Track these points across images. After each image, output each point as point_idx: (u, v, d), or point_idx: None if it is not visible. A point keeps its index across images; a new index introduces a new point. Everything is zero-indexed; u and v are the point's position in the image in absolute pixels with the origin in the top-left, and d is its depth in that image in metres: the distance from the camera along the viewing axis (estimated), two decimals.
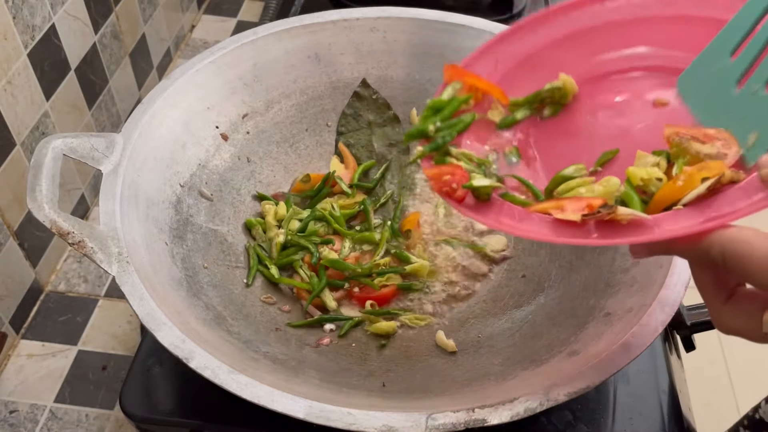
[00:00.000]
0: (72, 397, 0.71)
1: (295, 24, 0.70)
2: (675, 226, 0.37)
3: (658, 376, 0.59)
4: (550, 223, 0.41)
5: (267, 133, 0.71)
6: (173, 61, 1.09)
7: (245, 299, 0.61)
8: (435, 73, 0.73)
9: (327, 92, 0.73)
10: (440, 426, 0.43)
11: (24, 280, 0.76)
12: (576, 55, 0.50)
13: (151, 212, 0.58)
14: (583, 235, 0.39)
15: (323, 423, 0.44)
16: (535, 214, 0.42)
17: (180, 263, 0.58)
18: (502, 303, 0.62)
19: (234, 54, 0.68)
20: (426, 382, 0.55)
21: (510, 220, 0.43)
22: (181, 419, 0.55)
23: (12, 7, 0.67)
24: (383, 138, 0.74)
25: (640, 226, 0.38)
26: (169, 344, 0.46)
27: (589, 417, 0.56)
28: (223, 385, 0.45)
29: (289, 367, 0.53)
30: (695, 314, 0.61)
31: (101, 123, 0.89)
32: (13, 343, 0.75)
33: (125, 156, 0.57)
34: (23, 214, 0.73)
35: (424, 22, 0.71)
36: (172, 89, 0.63)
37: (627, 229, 0.38)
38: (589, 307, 0.55)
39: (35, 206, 0.51)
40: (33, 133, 0.73)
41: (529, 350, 0.54)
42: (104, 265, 0.50)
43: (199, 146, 0.65)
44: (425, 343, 0.60)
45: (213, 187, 0.66)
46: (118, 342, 0.75)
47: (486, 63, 0.50)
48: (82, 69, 0.81)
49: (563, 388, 0.45)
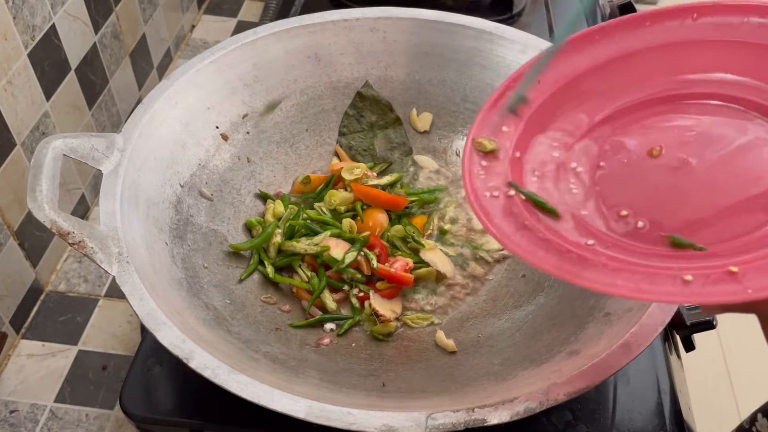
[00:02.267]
0: (72, 397, 0.71)
1: (295, 24, 0.70)
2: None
3: (658, 376, 0.59)
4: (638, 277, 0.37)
5: (267, 133, 0.71)
6: (173, 61, 1.09)
7: (245, 299, 0.61)
8: (435, 73, 0.73)
9: (327, 92, 0.73)
10: (440, 426, 0.43)
11: (24, 280, 0.76)
12: (627, 78, 0.46)
13: (151, 212, 0.58)
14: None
15: (323, 423, 0.44)
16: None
17: (180, 263, 0.58)
18: (502, 303, 0.62)
19: (234, 54, 0.68)
20: (426, 382, 0.55)
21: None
22: (181, 419, 0.55)
23: (12, 7, 0.67)
24: (385, 140, 0.74)
25: (729, 282, 0.35)
26: (169, 344, 0.46)
27: (589, 417, 0.56)
28: (223, 385, 0.45)
29: (289, 367, 0.53)
30: (695, 314, 0.61)
31: (101, 123, 0.89)
32: (14, 343, 0.75)
33: (125, 156, 0.57)
34: (23, 214, 0.73)
35: (424, 22, 0.71)
36: (173, 89, 0.63)
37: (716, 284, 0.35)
38: (589, 307, 0.55)
39: (35, 206, 0.51)
40: (33, 133, 0.73)
41: (529, 350, 0.54)
42: (104, 265, 0.50)
43: (199, 146, 0.65)
44: (425, 343, 0.60)
45: (213, 187, 0.66)
46: (118, 342, 0.75)
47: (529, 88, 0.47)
48: (83, 69, 0.81)
49: (563, 388, 0.45)
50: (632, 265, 0.38)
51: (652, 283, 0.36)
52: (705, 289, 0.35)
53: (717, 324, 0.61)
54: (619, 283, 0.37)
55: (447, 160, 0.74)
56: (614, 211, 0.43)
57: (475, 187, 0.45)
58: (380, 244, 0.64)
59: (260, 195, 0.69)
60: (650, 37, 0.47)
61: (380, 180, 0.70)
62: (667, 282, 0.36)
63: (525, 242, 0.41)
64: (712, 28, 0.45)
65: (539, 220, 0.43)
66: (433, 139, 0.74)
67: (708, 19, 0.46)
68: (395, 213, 0.68)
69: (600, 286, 0.37)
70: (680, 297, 0.36)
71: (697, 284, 0.35)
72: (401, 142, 0.74)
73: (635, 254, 0.40)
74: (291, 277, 0.64)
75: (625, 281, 0.37)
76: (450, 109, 0.74)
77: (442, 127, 0.74)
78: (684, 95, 0.46)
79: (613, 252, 0.40)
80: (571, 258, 0.39)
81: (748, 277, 0.35)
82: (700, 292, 0.35)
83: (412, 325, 0.62)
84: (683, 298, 0.36)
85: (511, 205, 0.44)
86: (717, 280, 0.35)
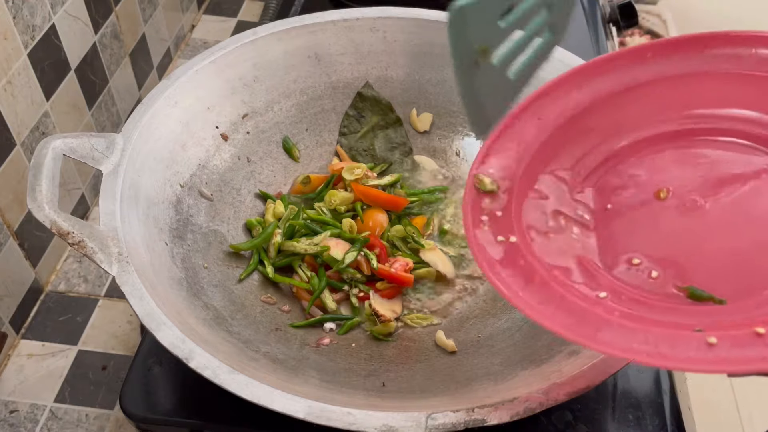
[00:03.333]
0: (72, 397, 0.71)
1: (295, 24, 0.70)
2: None
3: (658, 376, 0.59)
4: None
5: (267, 133, 0.71)
6: (173, 61, 1.09)
7: (245, 299, 0.61)
8: (435, 73, 0.73)
9: (327, 92, 0.73)
10: (440, 426, 0.43)
11: (24, 280, 0.76)
12: (632, 113, 0.44)
13: (151, 212, 0.58)
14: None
15: (323, 423, 0.44)
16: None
17: (180, 263, 0.58)
18: (501, 303, 0.62)
19: (234, 54, 0.68)
20: (426, 382, 0.55)
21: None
22: (181, 419, 0.55)
23: (12, 7, 0.67)
24: (385, 140, 0.74)
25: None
26: (169, 344, 0.46)
27: (589, 417, 0.56)
28: (223, 385, 0.45)
29: (289, 367, 0.53)
30: None
31: (101, 123, 0.89)
32: (13, 343, 0.75)
33: (125, 156, 0.57)
34: (23, 214, 0.73)
35: (424, 22, 0.71)
36: (172, 89, 0.63)
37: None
38: None
39: (35, 206, 0.51)
40: (33, 133, 0.73)
41: (529, 350, 0.54)
42: (104, 265, 0.50)
43: (199, 146, 0.65)
44: (425, 343, 0.60)
45: (213, 187, 0.66)
46: (118, 342, 0.75)
47: (527, 123, 0.45)
48: (82, 69, 0.81)
49: (563, 388, 0.45)
50: (649, 324, 0.35)
51: (672, 346, 0.33)
52: (732, 355, 0.32)
53: None
54: (636, 347, 0.34)
55: (447, 160, 0.74)
56: (625, 259, 0.41)
57: (477, 236, 0.42)
58: (380, 244, 0.64)
59: (260, 195, 0.69)
60: (655, 69, 0.45)
61: (380, 180, 0.70)
62: (690, 345, 0.33)
63: (534, 299, 0.38)
64: (720, 60, 0.43)
65: (547, 270, 0.40)
66: (433, 139, 0.74)
67: (715, 51, 0.43)
68: (395, 213, 0.68)
69: (616, 351, 0.34)
70: (704, 365, 0.32)
71: (723, 348, 0.32)
72: (401, 142, 0.74)
73: (652, 309, 0.37)
74: (291, 277, 0.64)
75: (643, 344, 0.34)
76: (450, 109, 0.74)
77: (442, 127, 0.74)
78: (693, 131, 0.44)
79: (627, 307, 0.37)
80: (584, 317, 0.36)
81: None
82: (727, 358, 0.32)
83: (412, 325, 0.62)
84: (707, 366, 0.32)
85: (516, 253, 0.41)
86: (744, 344, 0.32)
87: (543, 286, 0.39)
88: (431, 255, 0.65)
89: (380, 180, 0.69)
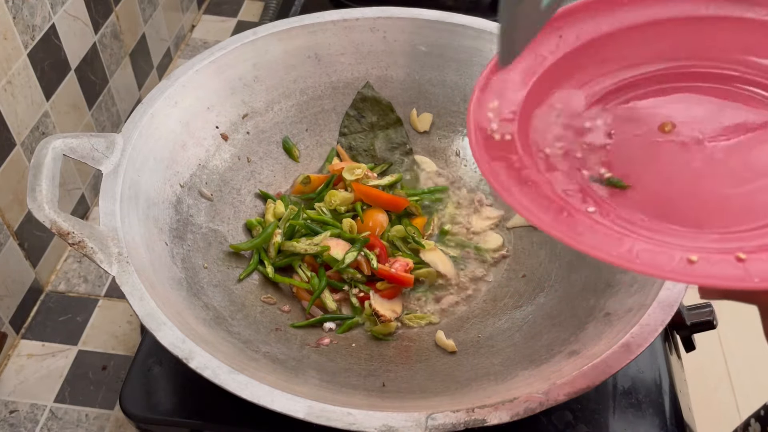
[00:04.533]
0: (72, 397, 0.71)
1: (295, 24, 0.70)
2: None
3: (658, 376, 0.59)
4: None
5: (267, 133, 0.71)
6: (173, 61, 1.09)
7: (245, 299, 0.61)
8: (435, 73, 0.73)
9: (327, 92, 0.73)
10: (440, 426, 0.43)
11: (24, 280, 0.76)
12: (654, 48, 0.43)
13: (151, 212, 0.58)
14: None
15: (323, 423, 0.44)
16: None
17: (180, 263, 0.58)
18: (502, 303, 0.62)
19: (234, 54, 0.68)
20: (426, 382, 0.55)
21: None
22: (181, 419, 0.55)
23: (12, 7, 0.67)
24: (386, 141, 0.74)
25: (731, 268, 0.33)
26: (169, 344, 0.46)
27: (589, 417, 0.56)
28: (223, 385, 0.45)
29: (289, 367, 0.53)
30: (695, 314, 0.61)
31: (101, 123, 0.89)
32: (13, 343, 0.75)
33: (125, 156, 0.57)
34: (23, 214, 0.73)
35: (424, 22, 0.71)
36: (172, 89, 0.63)
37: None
38: (589, 307, 0.55)
39: (35, 206, 0.51)
40: (33, 133, 0.73)
41: (529, 350, 0.54)
42: (104, 265, 0.50)
43: (199, 146, 0.65)
44: (425, 343, 0.60)
45: (213, 187, 0.66)
46: (118, 342, 0.75)
47: (549, 40, 0.45)
48: (82, 69, 0.81)
49: (563, 388, 0.45)
50: (634, 238, 0.36)
51: (653, 257, 0.35)
52: (711, 272, 0.34)
53: (717, 324, 0.61)
54: (617, 252, 0.35)
55: (447, 161, 0.74)
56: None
57: (479, 127, 0.42)
58: (380, 244, 0.64)
59: (260, 195, 0.69)
60: (684, 8, 0.44)
61: (381, 180, 0.70)
62: (672, 259, 0.34)
63: (526, 199, 0.38)
64: (745, 5, 0.43)
65: (539, 172, 0.40)
66: (433, 140, 0.74)
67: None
68: (395, 213, 0.68)
69: (599, 253, 0.35)
70: (682, 276, 0.34)
71: (702, 265, 0.34)
72: (401, 142, 0.74)
73: (637, 226, 0.38)
74: (291, 277, 0.64)
75: (625, 252, 0.35)
76: (450, 109, 0.74)
77: (442, 128, 0.74)
78: (707, 74, 0.43)
79: (611, 222, 0.38)
80: (571, 221, 0.37)
81: (755, 265, 0.34)
82: (705, 273, 0.34)
83: (412, 325, 0.62)
84: (685, 277, 0.34)
85: (511, 150, 0.41)
86: (725, 264, 0.34)
87: (534, 187, 0.39)
88: (431, 255, 0.65)
89: (380, 180, 0.70)
